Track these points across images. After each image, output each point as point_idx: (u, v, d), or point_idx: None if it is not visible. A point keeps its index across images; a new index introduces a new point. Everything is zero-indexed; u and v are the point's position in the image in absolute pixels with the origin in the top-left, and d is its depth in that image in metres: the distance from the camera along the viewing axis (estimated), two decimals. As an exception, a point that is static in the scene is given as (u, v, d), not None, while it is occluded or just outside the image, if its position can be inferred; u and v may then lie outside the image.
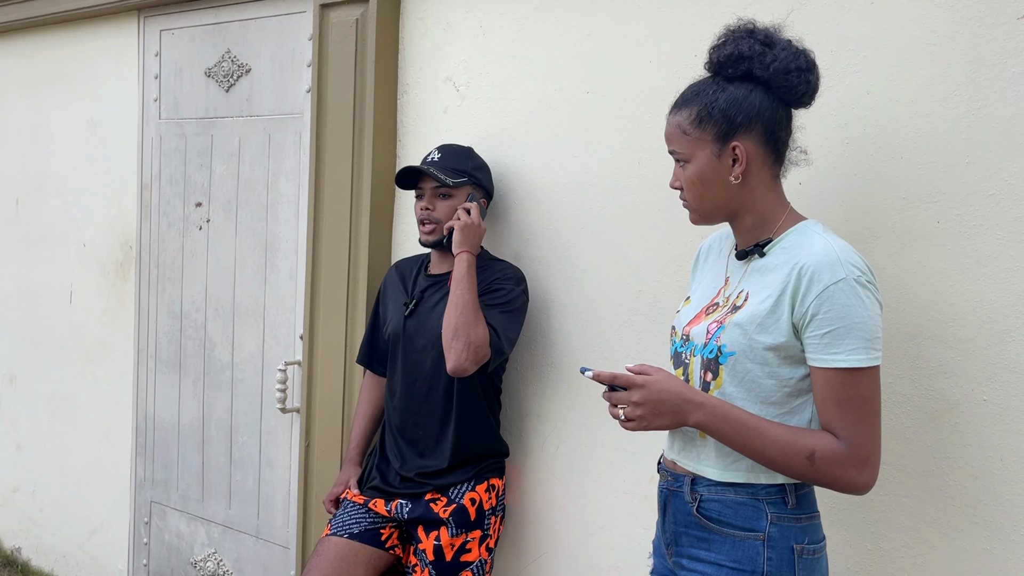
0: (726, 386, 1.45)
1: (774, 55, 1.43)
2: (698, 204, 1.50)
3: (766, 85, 1.45)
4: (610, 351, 2.08)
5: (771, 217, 1.48)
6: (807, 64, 1.46)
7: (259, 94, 2.75)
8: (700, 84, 1.50)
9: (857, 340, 1.35)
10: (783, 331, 1.40)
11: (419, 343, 2.13)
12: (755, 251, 1.48)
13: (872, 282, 1.38)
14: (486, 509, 2.11)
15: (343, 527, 2.14)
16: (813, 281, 1.37)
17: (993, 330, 1.57)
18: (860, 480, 1.38)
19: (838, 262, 1.37)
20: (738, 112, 1.44)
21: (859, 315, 1.35)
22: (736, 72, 1.45)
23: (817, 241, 1.42)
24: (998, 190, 1.56)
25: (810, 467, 1.37)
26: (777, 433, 1.39)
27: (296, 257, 2.68)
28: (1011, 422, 1.56)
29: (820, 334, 1.37)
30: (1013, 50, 1.54)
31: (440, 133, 2.36)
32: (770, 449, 1.39)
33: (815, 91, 1.49)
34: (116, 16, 3.15)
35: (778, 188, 1.50)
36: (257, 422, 2.81)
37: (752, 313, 1.42)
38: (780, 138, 1.47)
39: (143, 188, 3.10)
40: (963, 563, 1.61)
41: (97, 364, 3.31)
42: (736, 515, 1.44)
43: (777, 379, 1.42)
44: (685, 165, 1.49)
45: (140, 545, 3.19)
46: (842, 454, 1.37)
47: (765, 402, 1.43)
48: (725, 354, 1.44)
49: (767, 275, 1.44)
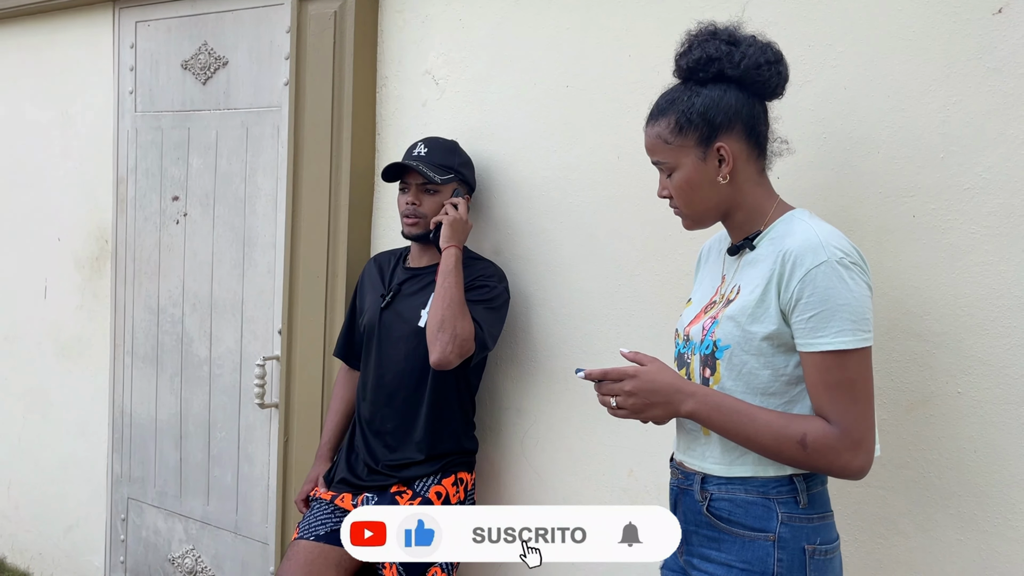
0: (724, 380, 1.44)
1: (742, 52, 1.44)
2: (690, 209, 1.51)
3: (739, 83, 1.46)
4: (590, 345, 2.08)
5: (761, 211, 1.49)
6: (775, 56, 1.47)
7: (236, 87, 2.73)
8: (673, 92, 1.50)
9: (843, 322, 1.34)
10: (772, 319, 1.40)
11: (394, 335, 2.12)
12: (745, 245, 1.49)
13: (857, 263, 1.37)
14: (453, 503, 2.09)
15: (310, 529, 2.11)
16: (796, 266, 1.37)
17: (967, 323, 1.58)
18: (854, 464, 1.37)
19: (820, 245, 1.36)
20: (716, 113, 1.44)
21: (843, 297, 1.34)
22: (707, 75, 1.46)
23: (800, 227, 1.42)
24: (973, 184, 1.57)
25: (802, 452, 1.36)
26: (768, 419, 1.39)
27: (274, 251, 2.66)
28: (985, 414, 1.58)
29: (805, 318, 1.36)
30: (988, 45, 1.55)
31: (419, 127, 2.35)
32: (762, 435, 1.38)
33: (786, 81, 1.50)
34: (91, 7, 3.10)
35: (765, 181, 1.51)
36: (235, 418, 2.79)
37: (743, 304, 1.43)
38: (761, 132, 1.48)
39: (119, 182, 3.06)
40: (937, 554, 1.63)
41: (73, 360, 3.27)
42: (746, 514, 1.42)
43: (772, 369, 1.41)
44: (672, 174, 1.49)
45: (117, 542, 3.16)
46: (834, 438, 1.35)
47: (764, 393, 1.42)
48: (720, 348, 1.44)
49: (757, 266, 1.45)
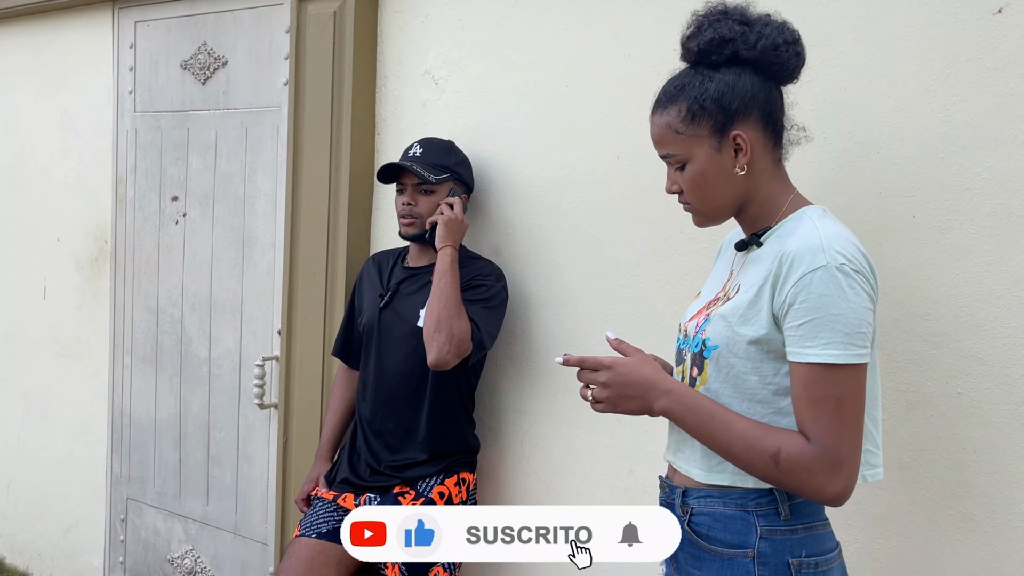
0: (711, 381, 1.35)
1: (758, 32, 1.32)
2: (703, 205, 1.39)
3: (755, 65, 1.34)
4: (589, 345, 2.07)
5: (774, 205, 1.37)
6: (792, 36, 1.35)
7: (236, 87, 2.73)
8: (682, 77, 1.38)
9: (833, 333, 1.23)
10: (763, 323, 1.30)
11: (393, 335, 2.12)
12: (753, 241, 1.39)
13: (861, 271, 1.26)
14: (456, 503, 2.09)
15: (312, 527, 2.11)
16: (792, 268, 1.26)
17: (967, 323, 1.58)
18: (830, 489, 1.24)
19: (820, 248, 1.25)
20: (732, 98, 1.32)
21: (837, 306, 1.23)
22: (721, 57, 1.34)
23: (805, 227, 1.31)
24: (973, 184, 1.57)
25: (774, 468, 1.25)
26: (744, 428, 1.29)
27: (274, 252, 2.65)
28: (985, 415, 1.57)
29: (796, 325, 1.26)
30: (988, 45, 1.55)
31: (419, 127, 2.35)
32: (735, 444, 1.28)
33: (803, 64, 1.39)
34: (90, 7, 3.10)
35: (781, 173, 1.40)
36: (235, 418, 2.79)
37: (736, 304, 1.34)
38: (778, 119, 1.37)
39: (118, 182, 3.06)
40: (938, 554, 1.63)
41: (72, 360, 3.27)
42: (725, 530, 1.33)
43: (760, 375, 1.32)
44: (683, 167, 1.37)
45: (116, 542, 3.16)
46: (810, 457, 1.23)
47: (752, 400, 1.33)
48: (709, 348, 1.35)
49: (759, 265, 1.34)
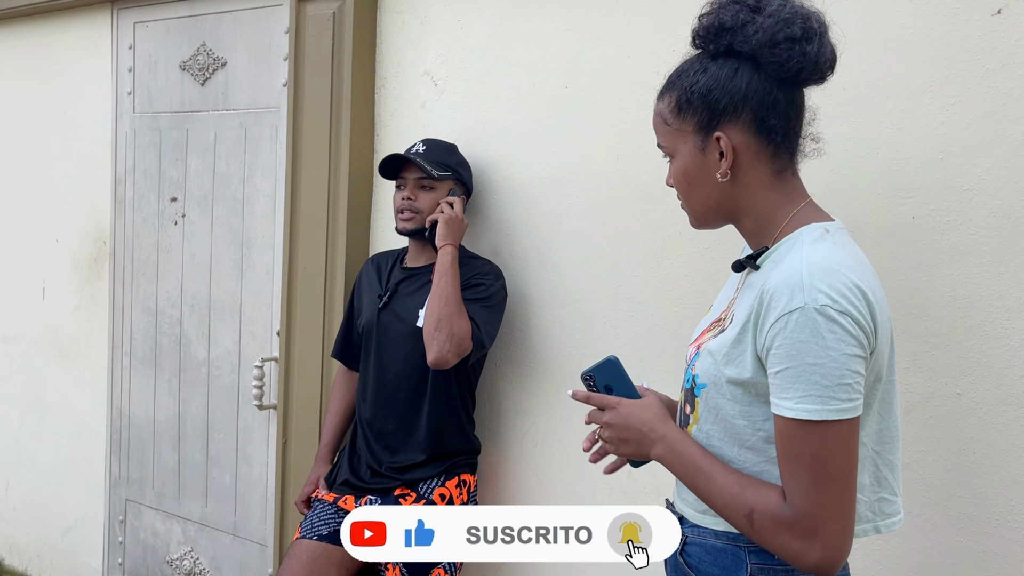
0: (703, 422, 1.24)
1: (758, 24, 1.16)
2: (689, 205, 1.28)
3: (754, 61, 1.18)
4: (588, 347, 2.08)
5: (771, 221, 1.23)
6: (802, 32, 1.15)
7: (235, 88, 2.72)
8: (686, 63, 1.26)
9: (809, 386, 1.07)
10: (748, 365, 1.16)
11: (392, 336, 2.12)
12: (748, 264, 1.25)
13: (846, 312, 1.08)
14: (456, 505, 2.09)
15: (312, 529, 2.11)
16: (771, 308, 1.12)
17: (966, 324, 1.58)
18: (808, 557, 1.10)
19: (799, 286, 1.09)
20: (721, 96, 1.19)
21: (814, 354, 1.07)
22: (718, 47, 1.21)
23: (793, 256, 1.15)
24: (972, 185, 1.57)
25: (749, 528, 1.15)
26: (724, 483, 1.18)
27: (273, 252, 2.65)
28: (984, 415, 1.57)
29: (774, 372, 1.11)
30: (987, 46, 1.55)
31: (418, 127, 2.35)
32: (715, 498, 1.19)
33: (819, 65, 1.18)
34: (89, 8, 3.10)
35: (782, 186, 1.23)
36: (234, 419, 2.79)
37: (722, 341, 1.21)
38: (774, 126, 1.19)
39: (117, 183, 3.06)
40: (937, 555, 1.63)
41: (71, 361, 3.26)
42: (715, 564, 1.24)
43: (748, 420, 1.19)
44: (671, 160, 1.27)
45: (115, 544, 3.15)
46: (784, 520, 1.11)
47: (743, 445, 1.20)
48: (699, 385, 1.24)
49: (750, 294, 1.20)
